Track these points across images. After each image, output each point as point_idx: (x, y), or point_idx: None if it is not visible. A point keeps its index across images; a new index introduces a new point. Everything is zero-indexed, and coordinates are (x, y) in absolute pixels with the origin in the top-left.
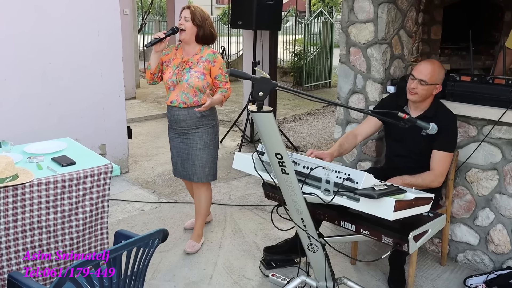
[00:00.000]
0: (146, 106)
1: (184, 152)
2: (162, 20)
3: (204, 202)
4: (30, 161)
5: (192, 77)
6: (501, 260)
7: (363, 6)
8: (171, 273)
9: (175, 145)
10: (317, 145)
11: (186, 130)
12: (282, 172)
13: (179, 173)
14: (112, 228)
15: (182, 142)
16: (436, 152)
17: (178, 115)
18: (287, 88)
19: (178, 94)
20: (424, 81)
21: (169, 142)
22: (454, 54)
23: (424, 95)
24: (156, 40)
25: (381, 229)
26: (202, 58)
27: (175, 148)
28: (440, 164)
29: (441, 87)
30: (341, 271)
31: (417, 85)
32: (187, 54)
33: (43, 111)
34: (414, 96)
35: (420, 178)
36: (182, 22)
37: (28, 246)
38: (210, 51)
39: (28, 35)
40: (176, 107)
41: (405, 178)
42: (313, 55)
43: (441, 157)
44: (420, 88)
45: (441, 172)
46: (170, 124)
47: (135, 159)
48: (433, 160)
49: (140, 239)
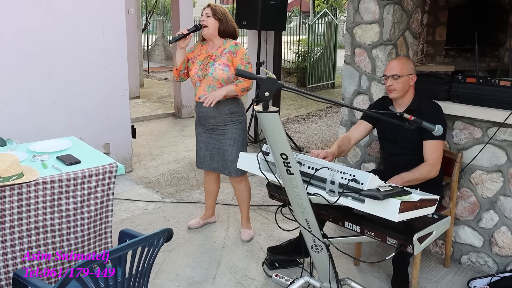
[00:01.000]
0: (149, 105)
1: (214, 147)
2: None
3: (246, 192)
4: (35, 159)
5: (216, 69)
6: (505, 263)
7: (369, 7)
8: (175, 273)
9: (203, 139)
10: (321, 146)
11: (215, 126)
12: (287, 173)
13: (208, 165)
14: (116, 227)
15: (211, 138)
16: (427, 142)
17: (207, 111)
18: (294, 89)
19: (205, 89)
20: (396, 75)
21: (196, 136)
22: (458, 56)
23: (402, 88)
24: (179, 36)
25: (385, 230)
26: (225, 50)
27: (203, 142)
28: (432, 153)
29: (415, 77)
30: (345, 272)
31: (392, 81)
32: (211, 48)
33: (48, 110)
34: (393, 93)
35: (417, 172)
36: (204, 19)
37: (33, 245)
38: (232, 43)
39: (34, 33)
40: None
41: (404, 176)
42: (317, 56)
43: (432, 146)
44: (395, 83)
45: (435, 161)
46: (199, 120)
47: (139, 158)
48: (425, 150)
49: (145, 238)
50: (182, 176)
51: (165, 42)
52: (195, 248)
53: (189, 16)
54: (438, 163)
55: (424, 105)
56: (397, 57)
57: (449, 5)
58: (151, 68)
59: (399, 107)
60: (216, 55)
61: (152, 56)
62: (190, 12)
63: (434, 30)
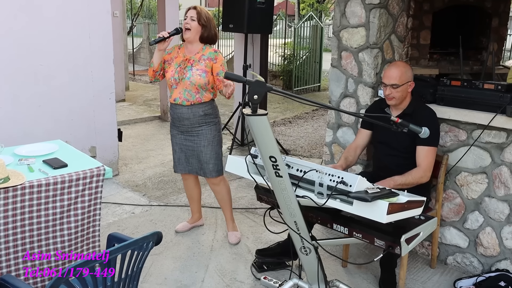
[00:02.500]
0: (135, 108)
1: (189, 149)
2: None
3: (226, 193)
4: (21, 163)
5: (194, 74)
6: (490, 263)
7: (355, 11)
8: (163, 276)
9: (178, 141)
10: (307, 149)
11: (189, 128)
12: (276, 175)
13: (184, 168)
14: (103, 231)
15: (186, 139)
16: (420, 147)
17: (182, 113)
18: (283, 92)
19: (181, 92)
20: (396, 84)
21: (171, 139)
22: (442, 59)
23: (401, 96)
24: (160, 38)
25: (373, 232)
26: (203, 56)
27: (177, 144)
28: (425, 159)
29: (413, 83)
30: (333, 274)
31: (391, 90)
32: (189, 52)
33: (33, 113)
34: (392, 101)
35: (410, 176)
36: (188, 21)
37: (19, 249)
38: (212, 50)
39: (19, 36)
40: (179, 104)
41: (396, 179)
42: (303, 59)
43: (425, 152)
44: (394, 92)
45: (428, 167)
46: (173, 122)
47: (125, 161)
48: (418, 156)
49: (134, 242)
50: (169, 180)
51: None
52: (183, 251)
53: (175, 18)
54: (430, 169)
55: (418, 110)
56: (396, 63)
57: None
58: (136, 71)
59: (395, 111)
60: (194, 59)
61: (137, 59)
62: (176, 15)
63: (419, 34)
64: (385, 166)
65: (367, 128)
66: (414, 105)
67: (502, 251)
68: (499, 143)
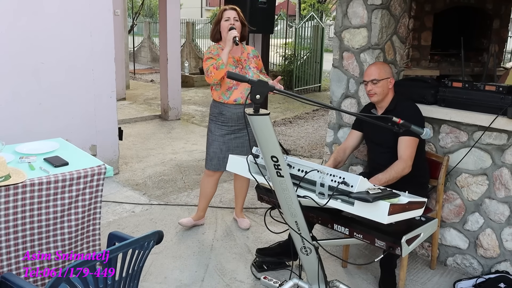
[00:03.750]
0: (136, 107)
1: (238, 146)
2: (152, 22)
3: (248, 183)
4: (22, 161)
5: (254, 72)
6: (490, 264)
7: (357, 11)
8: (163, 275)
9: (225, 141)
10: (307, 149)
11: (243, 125)
12: (277, 175)
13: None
14: (103, 230)
15: (236, 137)
16: (401, 138)
17: (242, 112)
18: (285, 92)
19: (243, 92)
20: (375, 79)
21: (213, 139)
22: (443, 60)
23: (382, 92)
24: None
25: (374, 232)
26: (249, 55)
27: (225, 144)
28: (406, 150)
29: (393, 79)
30: (333, 274)
31: (372, 86)
32: (234, 52)
33: (33, 111)
34: (374, 97)
35: (392, 171)
36: (233, 22)
37: (19, 247)
38: (252, 47)
39: (20, 33)
40: (241, 104)
41: (380, 177)
42: (303, 59)
43: (406, 142)
44: (375, 88)
45: (408, 157)
46: (226, 122)
47: (126, 160)
48: (400, 147)
49: (135, 240)
50: (169, 179)
51: (151, 44)
52: (183, 250)
53: (176, 17)
54: (411, 159)
55: (400, 105)
56: (374, 62)
57: (435, 10)
58: (137, 70)
59: (380, 110)
60: (245, 59)
61: (138, 57)
62: (178, 13)
63: (420, 35)
64: (379, 165)
65: (358, 129)
66: (396, 100)
67: (502, 253)
68: (500, 145)
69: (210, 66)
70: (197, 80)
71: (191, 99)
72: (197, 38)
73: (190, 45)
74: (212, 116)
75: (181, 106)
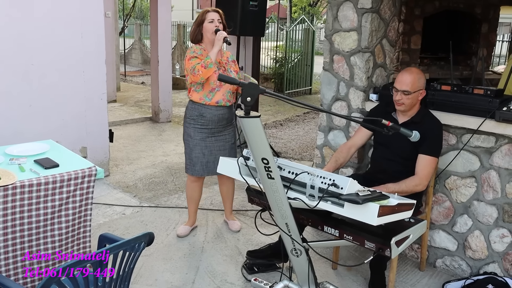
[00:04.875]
0: (126, 109)
1: (220, 149)
2: (143, 24)
3: (233, 186)
4: (12, 163)
5: (235, 76)
6: (478, 266)
7: (347, 15)
8: (153, 277)
9: (207, 144)
10: (298, 151)
11: (224, 127)
12: (267, 177)
13: (211, 170)
14: (93, 232)
15: (217, 140)
16: (422, 156)
17: (223, 113)
18: (276, 94)
19: (224, 94)
20: (407, 91)
21: (194, 143)
22: (433, 64)
23: (411, 103)
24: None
25: (364, 234)
26: (229, 59)
27: (207, 147)
28: (425, 168)
29: (425, 92)
30: (323, 276)
31: (402, 96)
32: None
33: (23, 112)
34: (401, 107)
35: (403, 185)
36: (217, 24)
37: (9, 249)
38: (229, 52)
39: (10, 34)
40: (222, 106)
41: (389, 186)
42: (294, 62)
43: (426, 162)
44: (405, 98)
45: (425, 176)
46: (206, 124)
47: (116, 162)
48: (419, 164)
49: (126, 242)
50: (160, 181)
51: (142, 46)
52: (174, 252)
53: (167, 20)
54: (427, 179)
55: (426, 119)
56: (410, 69)
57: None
58: (127, 72)
59: (402, 116)
60: (226, 62)
61: (128, 59)
62: (169, 15)
63: (410, 38)
64: (383, 170)
65: (369, 128)
66: (423, 114)
67: (490, 254)
68: (488, 148)
69: (197, 65)
70: None
71: (182, 101)
72: (188, 40)
73: (181, 48)
74: (190, 120)
75: (172, 108)
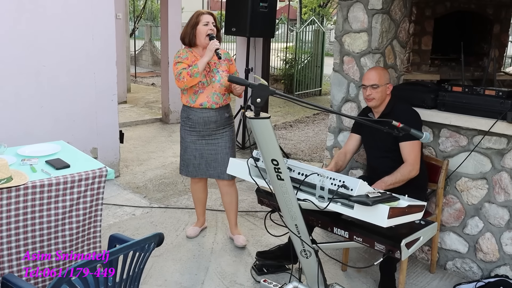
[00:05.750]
0: (137, 110)
1: (211, 153)
2: (154, 25)
3: (236, 195)
4: (24, 163)
5: (222, 76)
6: (490, 268)
7: (358, 16)
8: (163, 278)
9: (198, 147)
10: (308, 153)
11: (213, 131)
12: (277, 178)
13: (204, 173)
14: (103, 232)
15: (208, 143)
16: (403, 143)
17: (210, 116)
18: (285, 95)
19: (209, 96)
20: (376, 84)
21: (186, 145)
22: (444, 65)
23: (380, 97)
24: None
25: (374, 236)
26: (222, 57)
27: (197, 150)
28: (410, 153)
29: (391, 85)
30: (332, 277)
31: (371, 91)
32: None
33: (35, 113)
34: (372, 102)
35: (398, 174)
36: (212, 28)
37: (21, 249)
38: (224, 50)
39: (22, 36)
40: (208, 108)
41: (386, 180)
42: (304, 63)
43: (409, 147)
44: (374, 93)
45: (414, 160)
46: (194, 127)
47: (126, 163)
48: (403, 152)
49: (136, 242)
50: (170, 182)
51: (152, 47)
52: (183, 253)
53: (178, 21)
54: (417, 162)
55: (397, 108)
56: (374, 67)
57: (435, 15)
58: (138, 73)
59: (376, 114)
60: (216, 62)
61: (139, 61)
62: (179, 17)
63: (420, 39)
64: (376, 169)
65: (357, 133)
66: (392, 104)
67: (501, 257)
68: (499, 149)
69: (184, 71)
70: None
71: None
72: None
73: None
74: (182, 122)
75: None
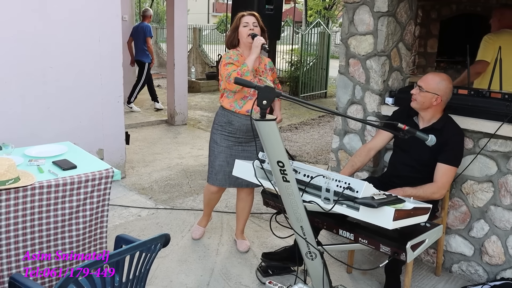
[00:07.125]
0: (143, 112)
1: (246, 159)
2: (160, 27)
3: (251, 203)
4: (31, 164)
5: (271, 84)
6: (495, 271)
7: (363, 18)
8: (168, 279)
9: (233, 153)
10: (313, 155)
11: (251, 138)
12: (283, 180)
13: (234, 182)
14: (109, 233)
15: (244, 150)
16: (441, 165)
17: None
18: (291, 97)
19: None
20: (421, 87)
21: (220, 150)
22: (449, 68)
23: (422, 102)
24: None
25: (379, 238)
26: (266, 66)
27: (232, 156)
28: (443, 177)
29: (441, 99)
30: (337, 279)
31: (416, 91)
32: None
33: (41, 115)
34: (413, 102)
35: (421, 190)
36: (252, 27)
37: (28, 249)
38: (268, 59)
39: (29, 37)
40: None
41: (406, 190)
42: (310, 65)
43: (445, 170)
44: (417, 94)
45: (443, 185)
46: (234, 133)
47: (132, 164)
48: (437, 172)
49: (143, 243)
50: (175, 183)
51: (158, 49)
52: (189, 254)
53: (183, 23)
54: (445, 188)
55: (448, 128)
56: (435, 72)
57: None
58: None
59: (422, 122)
60: (263, 70)
61: None
62: (185, 19)
63: (426, 42)
64: (399, 174)
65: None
66: (445, 121)
67: (507, 260)
68: (505, 152)
69: (233, 72)
70: (203, 86)
71: (198, 104)
72: (204, 43)
73: (197, 51)
74: (218, 126)
75: (187, 111)
